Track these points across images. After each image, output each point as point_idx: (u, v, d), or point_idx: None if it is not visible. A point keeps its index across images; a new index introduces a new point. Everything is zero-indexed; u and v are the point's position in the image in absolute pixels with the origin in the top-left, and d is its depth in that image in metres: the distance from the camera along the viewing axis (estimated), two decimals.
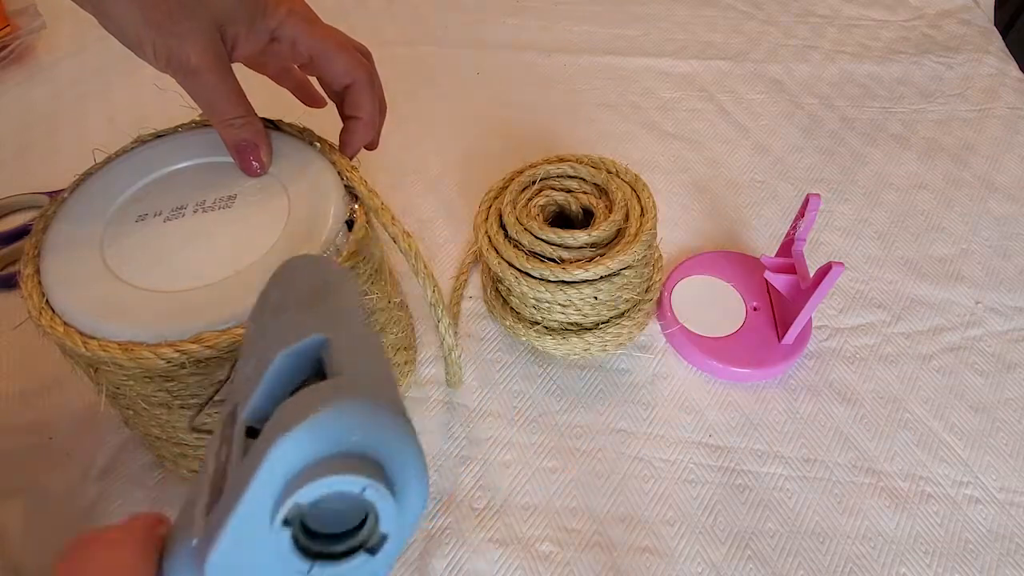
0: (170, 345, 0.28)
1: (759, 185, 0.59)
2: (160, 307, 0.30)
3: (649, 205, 0.42)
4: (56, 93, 0.66)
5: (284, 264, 0.23)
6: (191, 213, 0.34)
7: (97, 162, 0.37)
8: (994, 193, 0.58)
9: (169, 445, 0.36)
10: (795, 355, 0.45)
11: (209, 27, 0.31)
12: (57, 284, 0.31)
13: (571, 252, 0.40)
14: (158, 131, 0.38)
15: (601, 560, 0.38)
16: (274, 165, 0.36)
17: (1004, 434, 0.43)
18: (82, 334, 0.29)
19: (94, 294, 0.30)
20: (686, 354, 0.46)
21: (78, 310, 0.30)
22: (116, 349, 0.28)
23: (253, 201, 0.34)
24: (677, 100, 0.66)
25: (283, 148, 0.37)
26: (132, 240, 0.33)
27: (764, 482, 0.41)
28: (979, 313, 0.50)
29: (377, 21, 0.76)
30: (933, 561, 0.38)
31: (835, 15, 0.77)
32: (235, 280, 0.31)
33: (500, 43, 0.73)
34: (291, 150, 0.37)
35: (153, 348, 0.28)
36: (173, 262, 0.32)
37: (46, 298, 0.30)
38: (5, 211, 0.55)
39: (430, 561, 0.38)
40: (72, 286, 0.31)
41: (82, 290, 0.31)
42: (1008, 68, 0.70)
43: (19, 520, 0.40)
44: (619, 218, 0.41)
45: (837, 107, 0.66)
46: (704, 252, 0.52)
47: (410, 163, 0.61)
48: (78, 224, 0.33)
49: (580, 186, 0.44)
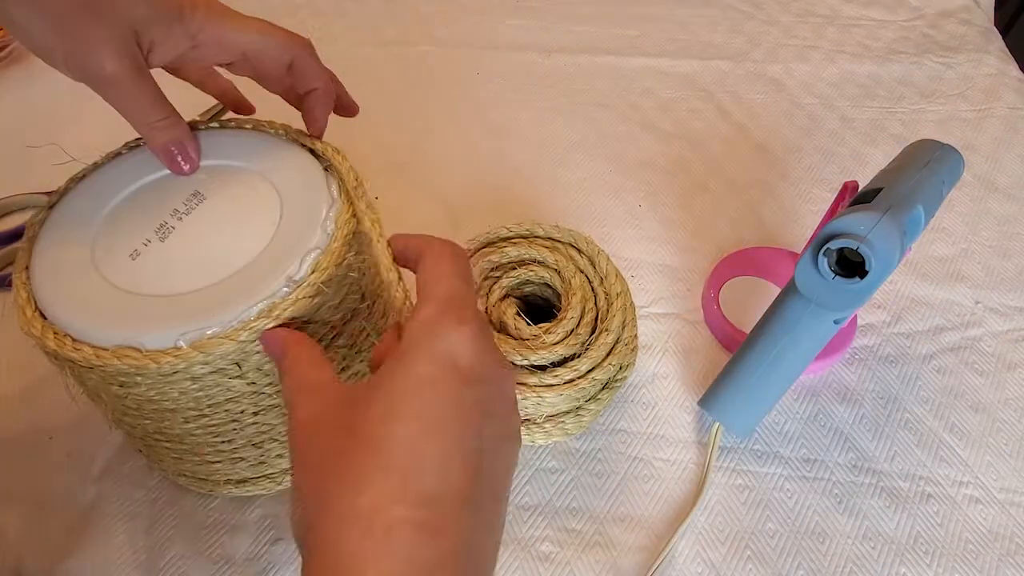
0: (196, 347, 0.28)
1: (759, 185, 0.59)
2: (166, 310, 0.30)
3: (615, 291, 0.41)
4: (56, 93, 0.66)
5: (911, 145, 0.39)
6: (179, 219, 0.33)
7: (73, 176, 0.36)
8: (994, 193, 0.58)
9: (166, 445, 0.36)
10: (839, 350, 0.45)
11: (123, 33, 0.30)
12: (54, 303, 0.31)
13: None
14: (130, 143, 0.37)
15: (601, 560, 0.38)
16: (254, 162, 0.35)
17: (1004, 434, 0.43)
18: (96, 347, 0.29)
19: (97, 304, 0.30)
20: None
21: (85, 326, 0.30)
22: (140, 356, 0.28)
23: (240, 200, 0.34)
24: (677, 100, 0.66)
25: (259, 145, 0.36)
26: (125, 255, 0.32)
27: (764, 482, 0.41)
28: (979, 313, 0.50)
29: (377, 21, 0.76)
30: (933, 561, 0.38)
31: (835, 15, 0.77)
32: (236, 279, 0.30)
33: (500, 43, 0.73)
34: (268, 146, 0.36)
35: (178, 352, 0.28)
36: (171, 267, 0.31)
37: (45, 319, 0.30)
38: (5, 211, 0.55)
39: None
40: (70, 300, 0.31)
41: (80, 301, 0.30)
42: (1008, 68, 0.70)
43: (19, 520, 0.40)
44: (582, 329, 0.40)
45: (837, 107, 0.66)
46: (749, 248, 0.52)
47: (410, 163, 0.61)
48: (64, 241, 0.33)
49: (540, 271, 0.42)
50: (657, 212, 0.56)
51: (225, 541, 0.39)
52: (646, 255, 0.53)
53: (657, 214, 0.56)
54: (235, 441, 0.35)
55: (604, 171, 0.60)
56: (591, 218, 0.56)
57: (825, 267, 0.33)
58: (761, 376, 0.39)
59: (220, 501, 0.40)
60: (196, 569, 0.38)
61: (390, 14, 0.77)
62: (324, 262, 0.31)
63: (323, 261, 0.31)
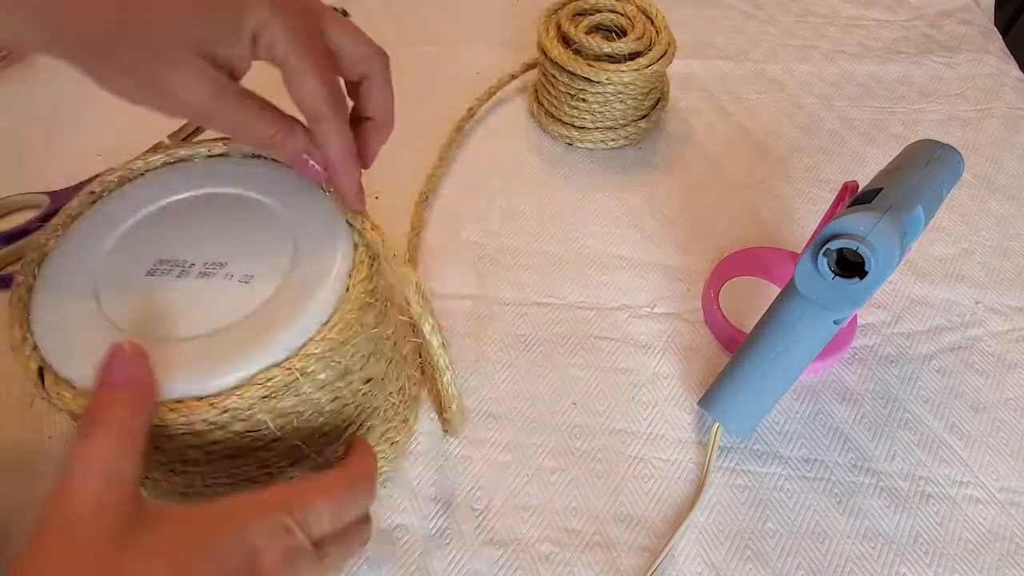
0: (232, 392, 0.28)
1: (759, 185, 0.59)
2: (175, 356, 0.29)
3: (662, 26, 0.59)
4: (56, 93, 0.66)
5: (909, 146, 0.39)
6: (193, 269, 0.32)
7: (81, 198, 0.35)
8: (994, 193, 0.58)
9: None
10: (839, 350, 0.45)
11: (195, 64, 0.27)
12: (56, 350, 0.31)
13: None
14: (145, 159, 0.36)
15: (601, 560, 0.38)
16: (273, 199, 0.35)
17: (1004, 434, 0.43)
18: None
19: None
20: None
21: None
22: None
23: (255, 242, 0.33)
24: (677, 100, 0.66)
25: (282, 182, 0.36)
26: (130, 290, 0.31)
27: (764, 482, 0.41)
28: (979, 313, 0.50)
29: (377, 20, 0.76)
30: (933, 561, 0.38)
31: (835, 15, 0.77)
32: (243, 326, 0.30)
33: (500, 43, 0.73)
34: (288, 183, 0.35)
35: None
36: (175, 310, 0.31)
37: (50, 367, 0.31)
38: (5, 211, 0.55)
39: (430, 562, 0.38)
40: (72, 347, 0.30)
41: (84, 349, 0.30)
42: (1008, 68, 0.70)
43: (19, 520, 0.40)
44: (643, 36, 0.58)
45: (837, 107, 0.66)
46: (749, 248, 0.52)
47: (409, 163, 0.60)
48: (66, 286, 0.32)
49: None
50: (657, 212, 0.56)
51: None
52: (646, 255, 0.53)
53: (657, 214, 0.56)
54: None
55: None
56: (591, 217, 0.56)
57: (825, 267, 0.33)
58: (761, 376, 0.39)
59: None
60: None
61: (390, 14, 0.77)
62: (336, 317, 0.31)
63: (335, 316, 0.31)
